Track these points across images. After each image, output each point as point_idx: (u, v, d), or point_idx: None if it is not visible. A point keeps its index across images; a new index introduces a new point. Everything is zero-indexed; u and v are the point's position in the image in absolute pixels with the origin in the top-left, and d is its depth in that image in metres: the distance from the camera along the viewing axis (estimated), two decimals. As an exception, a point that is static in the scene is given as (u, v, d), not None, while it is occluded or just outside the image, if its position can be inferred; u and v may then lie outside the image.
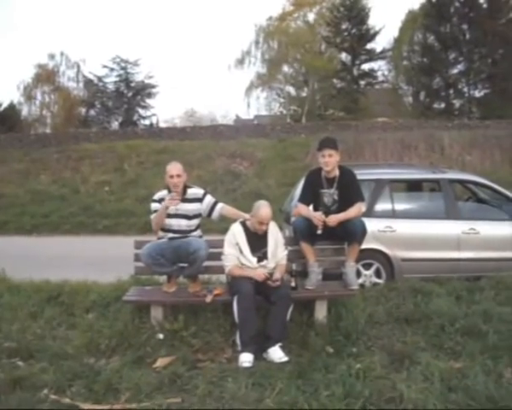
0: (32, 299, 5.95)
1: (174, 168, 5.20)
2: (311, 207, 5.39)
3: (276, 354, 4.53)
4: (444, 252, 6.68)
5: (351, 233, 5.09)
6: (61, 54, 38.62)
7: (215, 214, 5.34)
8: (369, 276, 6.65)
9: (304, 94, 40.07)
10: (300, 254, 5.31)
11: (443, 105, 34.41)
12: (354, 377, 4.00)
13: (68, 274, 6.85)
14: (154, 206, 5.19)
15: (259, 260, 4.94)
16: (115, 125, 36.89)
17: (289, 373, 4.17)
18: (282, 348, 4.61)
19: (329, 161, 5.22)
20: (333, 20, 35.34)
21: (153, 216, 5.14)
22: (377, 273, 6.68)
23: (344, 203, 5.23)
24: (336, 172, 5.29)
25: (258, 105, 58.99)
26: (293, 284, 5.01)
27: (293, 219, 6.68)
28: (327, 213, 5.12)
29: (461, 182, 7.62)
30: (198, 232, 5.28)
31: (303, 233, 5.15)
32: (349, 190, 5.25)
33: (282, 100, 42.26)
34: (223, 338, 4.88)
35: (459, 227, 6.71)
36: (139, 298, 5.06)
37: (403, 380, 3.95)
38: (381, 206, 6.83)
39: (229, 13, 71.16)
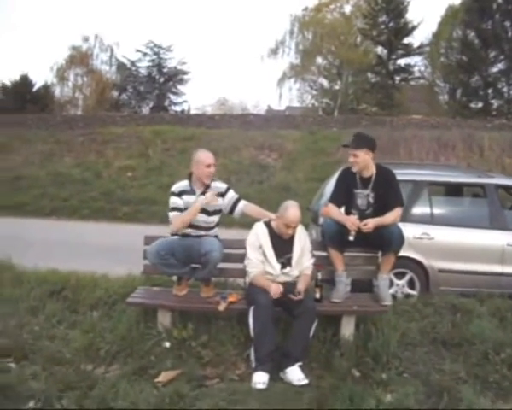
0: (35, 291, 5.48)
1: (210, 157, 4.68)
2: (342, 209, 4.82)
3: (296, 374, 3.99)
4: (486, 265, 6.01)
5: (387, 241, 4.50)
6: (96, 37, 38.22)
7: (237, 212, 4.79)
8: (401, 286, 6.03)
9: (337, 87, 39.31)
10: (327, 261, 4.75)
11: (480, 104, 33.31)
12: (384, 413, 3.45)
13: (79, 263, 6.44)
14: (174, 201, 4.61)
15: (283, 266, 4.40)
16: (146, 110, 36.63)
17: (309, 401, 3.66)
18: (302, 368, 4.07)
19: (355, 162, 4.68)
20: (370, 12, 34.32)
21: (173, 214, 4.56)
22: (410, 284, 6.06)
23: (380, 207, 4.65)
24: (372, 172, 4.71)
25: (291, 96, 58.36)
26: (317, 296, 4.45)
27: (321, 219, 6.19)
28: (361, 218, 4.56)
29: (509, 188, 6.92)
30: (215, 231, 4.75)
31: (333, 238, 4.59)
32: (387, 192, 4.66)
33: (314, 92, 41.55)
34: (236, 351, 4.37)
35: (505, 238, 6.04)
36: (144, 301, 4.56)
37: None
38: (418, 210, 6.20)
39: (265, 1, 70.10)
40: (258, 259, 4.39)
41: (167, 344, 4.31)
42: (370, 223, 4.43)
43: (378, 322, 4.62)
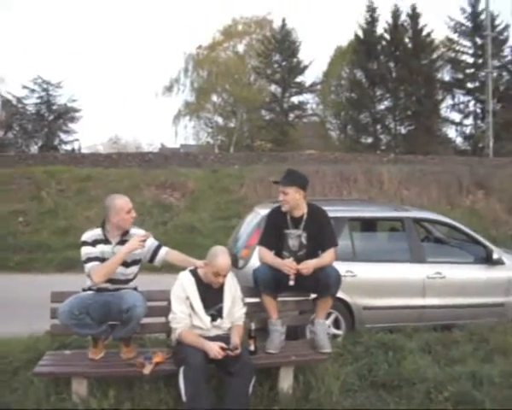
0: None
1: (128, 201, 4.15)
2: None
3: (237, 439, 3.56)
4: (409, 299, 5.96)
5: (324, 284, 4.22)
6: (-22, 71, 36.05)
7: (158, 260, 4.26)
8: (327, 327, 5.78)
9: (232, 124, 39.74)
10: (258, 308, 4.38)
11: (370, 140, 35.11)
12: None
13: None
14: (89, 251, 4.00)
15: (213, 318, 3.97)
16: (35, 149, 34.60)
17: None
18: (242, 430, 3.65)
19: (284, 200, 4.39)
20: (264, 51, 35.32)
21: (92, 264, 3.94)
22: (336, 323, 5.83)
23: (313, 248, 4.40)
24: (303, 211, 4.45)
25: (186, 134, 58.38)
26: (252, 348, 4.06)
27: (241, 262, 5.85)
28: (294, 260, 4.27)
29: (425, 221, 7.00)
30: (134, 283, 4.23)
31: (267, 285, 4.23)
32: (320, 232, 4.41)
33: (209, 130, 41.68)
34: (165, 418, 3.86)
35: (424, 271, 6.03)
36: (55, 369, 3.87)
37: None
38: (339, 248, 6.00)
39: (158, 39, 70.25)
40: (185, 312, 3.93)
41: (85, 418, 3.71)
42: (309, 264, 4.15)
43: (316, 370, 4.31)
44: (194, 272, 4.07)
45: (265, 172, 15.53)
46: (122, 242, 4.08)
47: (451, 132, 35.84)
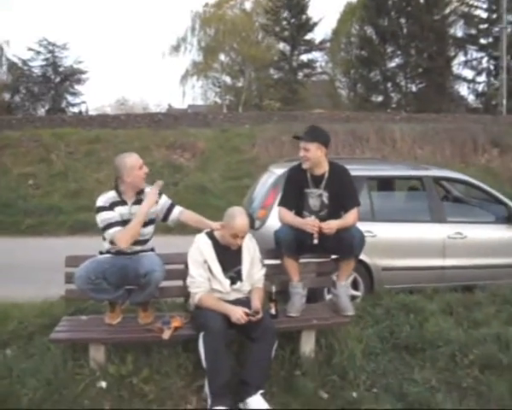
0: None
1: (137, 157, 4.00)
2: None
3: (258, 404, 3.47)
4: (428, 259, 5.83)
5: (348, 245, 4.06)
6: (-18, 34, 35.51)
7: (172, 219, 4.12)
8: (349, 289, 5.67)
9: (240, 84, 39.18)
10: (278, 270, 4.25)
11: (380, 98, 34.53)
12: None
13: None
14: (109, 216, 3.82)
15: (232, 281, 3.85)
16: (42, 112, 34.35)
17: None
18: (264, 395, 3.56)
19: (305, 157, 4.18)
20: (272, 8, 34.48)
21: (115, 230, 3.77)
22: (354, 285, 5.71)
23: (335, 208, 4.23)
24: (325, 169, 4.26)
25: (194, 94, 57.76)
26: (273, 311, 3.93)
27: (257, 223, 5.71)
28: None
29: (445, 180, 6.80)
30: (151, 243, 4.10)
31: (290, 246, 4.07)
32: (342, 191, 4.23)
33: (217, 89, 41.15)
34: (184, 382, 3.78)
35: (445, 231, 5.87)
36: (72, 335, 3.77)
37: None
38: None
39: (164, -2, 68.65)
40: (203, 276, 3.81)
41: (103, 384, 3.61)
42: (332, 224, 3.98)
43: (338, 334, 4.20)
44: (210, 235, 3.93)
45: (276, 132, 15.30)
46: (138, 201, 3.94)
47: (463, 90, 35.20)
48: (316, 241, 3.96)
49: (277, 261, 4.26)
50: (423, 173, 6.17)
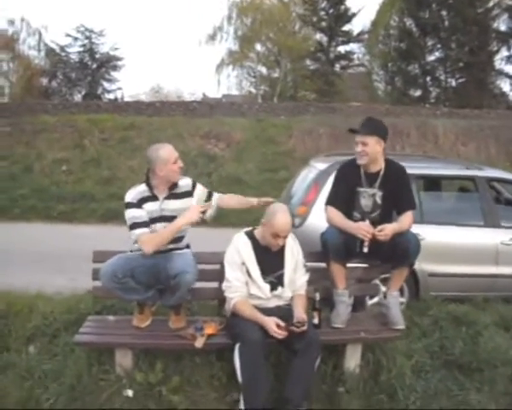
0: None
1: (172, 149, 3.65)
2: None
3: (300, 425, 3.14)
4: (479, 266, 5.39)
5: (403, 252, 3.68)
6: (22, 19, 35.51)
7: (210, 211, 3.79)
8: (382, 294, 5.29)
9: (276, 74, 38.70)
10: (321, 275, 3.90)
11: (419, 92, 33.70)
12: None
13: (8, 276, 5.39)
14: (136, 215, 3.53)
15: (272, 286, 3.51)
16: (78, 97, 34.61)
17: None
18: (304, 413, 3.23)
19: (363, 151, 3.78)
20: (310, -2, 33.85)
21: (140, 232, 3.49)
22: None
23: (388, 209, 3.86)
24: (381, 166, 3.87)
25: (229, 83, 57.57)
26: (315, 321, 3.59)
27: (296, 221, 5.35)
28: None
29: (500, 181, 6.32)
30: (186, 240, 3.79)
31: (338, 251, 3.70)
32: (397, 192, 3.85)
33: (253, 79, 40.77)
34: (216, 394, 3.51)
35: (498, 237, 5.42)
36: (97, 339, 3.50)
37: None
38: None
39: (201, -14, 68.38)
40: (241, 280, 3.48)
41: (130, 392, 3.34)
42: (388, 229, 3.60)
43: (385, 348, 3.84)
44: (250, 234, 3.60)
45: (314, 124, 14.88)
46: (171, 196, 3.63)
47: (506, 86, 34.01)
48: (366, 249, 3.60)
49: (320, 264, 3.92)
50: (477, 174, 5.71)
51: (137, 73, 73.20)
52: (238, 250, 3.53)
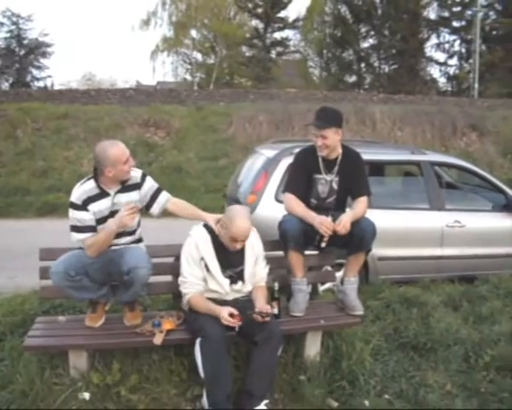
0: None
1: (123, 148, 3.37)
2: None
3: (263, 417, 3.10)
4: (426, 249, 5.52)
5: (359, 239, 3.69)
6: None
7: (156, 208, 3.60)
8: (339, 279, 5.33)
9: (211, 61, 38.34)
10: (277, 264, 3.86)
11: (354, 78, 34.32)
12: None
13: None
14: (79, 217, 3.31)
15: (232, 281, 3.43)
16: (5, 86, 32.98)
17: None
18: (268, 405, 3.19)
19: (323, 145, 3.76)
20: (245, -17, 33.70)
21: (82, 237, 3.30)
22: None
23: (343, 195, 3.89)
24: (338, 153, 3.86)
25: (164, 70, 56.49)
26: (275, 311, 3.52)
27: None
28: (316, 209, 3.77)
29: (444, 165, 6.47)
30: (138, 233, 3.63)
31: (297, 240, 3.66)
32: (353, 178, 3.86)
33: (188, 66, 40.22)
34: (177, 391, 3.38)
35: (443, 219, 5.57)
36: (49, 341, 3.29)
37: None
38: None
39: (132, -30, 66.65)
40: (197, 276, 3.37)
41: (86, 395, 3.18)
42: (345, 220, 3.58)
43: (344, 334, 3.85)
44: (209, 228, 3.48)
45: (254, 111, 14.81)
46: (123, 189, 3.45)
47: (435, 73, 35.25)
48: (323, 244, 3.62)
49: (276, 253, 3.87)
50: (421, 158, 5.83)
51: (68, 60, 70.64)
52: (197, 245, 3.41)
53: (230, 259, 3.42)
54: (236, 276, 3.44)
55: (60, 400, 3.14)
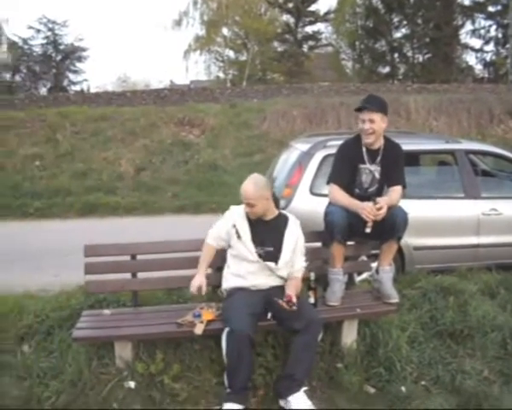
0: None
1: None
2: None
3: (302, 403, 3.21)
4: (462, 237, 5.49)
5: (390, 226, 3.74)
6: (-20, 13, 34.83)
7: None
8: (374, 269, 5.36)
9: (243, 58, 38.48)
10: (315, 255, 3.94)
11: (387, 69, 33.92)
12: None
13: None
14: None
15: (260, 257, 3.55)
16: (43, 91, 33.84)
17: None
18: (307, 392, 3.28)
19: (371, 129, 3.82)
20: (275, -21, 33.68)
21: None
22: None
23: (382, 185, 3.97)
24: (381, 143, 3.94)
25: (197, 69, 56.95)
26: (311, 300, 3.62)
27: (282, 203, 5.37)
28: (359, 198, 3.84)
29: (478, 153, 6.42)
30: None
31: (343, 231, 3.74)
32: (393, 168, 3.94)
33: (221, 64, 40.46)
34: (218, 379, 3.49)
35: (479, 208, 5.53)
36: (96, 333, 3.46)
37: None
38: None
39: (164, -29, 67.28)
40: (221, 233, 3.66)
41: (132, 384, 3.34)
42: (382, 203, 3.65)
43: (380, 323, 3.90)
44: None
45: (287, 105, 14.85)
46: None
47: (471, 60, 34.53)
48: (368, 230, 3.65)
49: (312, 245, 3.96)
50: (456, 147, 5.80)
51: (102, 64, 71.76)
52: (231, 214, 3.66)
53: (263, 238, 3.56)
54: (265, 255, 3.54)
55: (107, 388, 3.30)
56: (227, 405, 3.18)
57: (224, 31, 37.98)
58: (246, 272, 3.54)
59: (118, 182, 11.87)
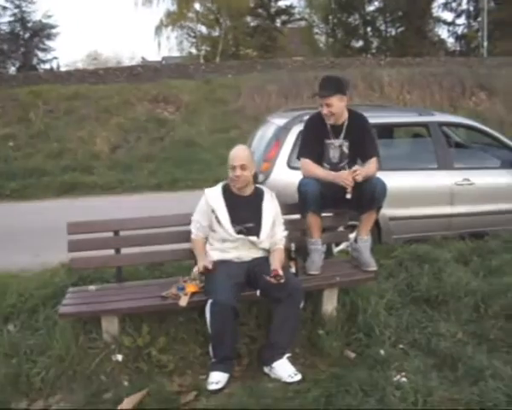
0: None
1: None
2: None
3: (286, 370, 3.33)
4: (436, 207, 5.66)
5: (369, 197, 3.85)
6: None
7: None
8: (352, 240, 5.50)
9: (216, 33, 38.07)
10: (294, 226, 4.05)
11: (360, 43, 34.02)
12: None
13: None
14: None
15: (242, 233, 3.64)
16: (12, 70, 33.04)
17: (313, 400, 2.99)
18: (290, 359, 3.41)
19: (329, 112, 3.92)
20: (247, -48, 33.26)
21: None
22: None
23: (354, 158, 4.04)
24: (344, 118, 4.01)
25: (169, 45, 56.25)
26: (293, 270, 3.72)
27: (261, 177, 5.46)
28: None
29: (451, 125, 6.58)
30: None
31: (316, 201, 3.83)
32: (361, 140, 4.01)
33: (193, 40, 39.98)
34: (203, 350, 3.58)
35: (452, 178, 5.69)
36: (82, 308, 3.50)
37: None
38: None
39: None
40: (202, 223, 3.71)
41: (119, 357, 3.41)
42: (360, 171, 3.77)
43: (359, 290, 4.03)
44: (223, 186, 3.77)
45: (262, 81, 14.88)
46: None
47: (443, 33, 34.81)
48: (349, 196, 3.76)
49: (291, 216, 4.06)
50: (429, 119, 5.93)
51: (72, 41, 70.41)
52: (207, 199, 3.69)
53: (242, 215, 3.63)
54: (247, 230, 3.62)
55: (95, 362, 3.37)
56: (213, 374, 3.28)
57: (196, 6, 37.47)
58: (228, 247, 3.64)
59: (93, 161, 11.80)
